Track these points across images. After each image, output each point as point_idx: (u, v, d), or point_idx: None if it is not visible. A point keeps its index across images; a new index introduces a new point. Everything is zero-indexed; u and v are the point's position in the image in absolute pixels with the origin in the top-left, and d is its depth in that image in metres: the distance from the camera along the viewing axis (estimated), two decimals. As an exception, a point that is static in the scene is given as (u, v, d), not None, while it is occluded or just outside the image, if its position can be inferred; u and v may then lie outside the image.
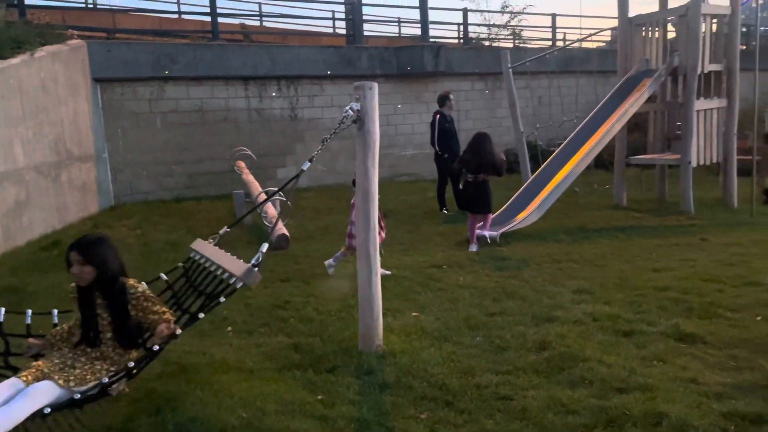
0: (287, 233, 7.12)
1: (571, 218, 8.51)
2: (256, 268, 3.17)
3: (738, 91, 9.30)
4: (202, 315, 3.15)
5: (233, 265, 3.37)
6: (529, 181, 8.73)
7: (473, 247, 6.85)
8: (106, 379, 2.91)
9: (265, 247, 3.24)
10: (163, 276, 3.87)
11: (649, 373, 3.45)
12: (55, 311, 3.59)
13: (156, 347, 3.01)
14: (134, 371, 3.03)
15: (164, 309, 3.23)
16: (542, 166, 8.70)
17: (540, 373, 3.53)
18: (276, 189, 4.97)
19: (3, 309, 3.39)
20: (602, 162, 10.60)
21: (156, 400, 3.27)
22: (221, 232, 3.95)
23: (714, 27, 9.17)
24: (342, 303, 4.95)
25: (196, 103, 10.85)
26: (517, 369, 3.58)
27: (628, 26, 9.59)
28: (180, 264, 3.91)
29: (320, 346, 4.06)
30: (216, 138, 10.97)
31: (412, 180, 12.97)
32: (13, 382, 2.79)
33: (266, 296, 5.22)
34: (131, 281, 3.24)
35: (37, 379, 2.82)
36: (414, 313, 4.70)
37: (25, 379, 2.81)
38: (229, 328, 4.50)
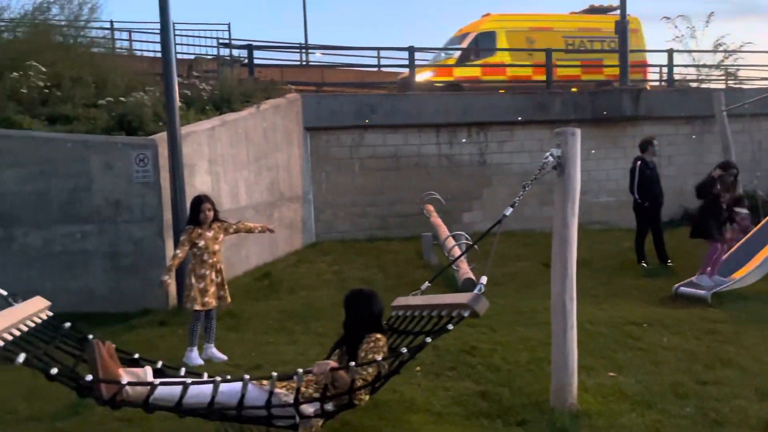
0: (473, 277, 7.15)
1: (803, 280, 7.33)
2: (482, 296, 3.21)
3: None
4: (429, 339, 3.22)
5: (451, 299, 3.43)
6: (748, 236, 7.75)
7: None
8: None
9: (484, 279, 3.33)
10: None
11: None
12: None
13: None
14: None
15: (371, 370, 3.28)
16: (764, 220, 7.69)
17: (768, 458, 3.07)
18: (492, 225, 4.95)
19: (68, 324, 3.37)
20: None
21: None
22: (422, 287, 3.96)
23: None
24: (531, 355, 4.79)
25: (391, 150, 11.48)
26: (737, 449, 3.16)
27: None
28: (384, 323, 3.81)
29: (509, 397, 3.96)
30: (407, 182, 11.46)
31: (605, 228, 12.21)
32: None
33: (453, 339, 5.21)
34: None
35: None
36: (611, 373, 4.38)
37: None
38: (418, 368, 4.58)
